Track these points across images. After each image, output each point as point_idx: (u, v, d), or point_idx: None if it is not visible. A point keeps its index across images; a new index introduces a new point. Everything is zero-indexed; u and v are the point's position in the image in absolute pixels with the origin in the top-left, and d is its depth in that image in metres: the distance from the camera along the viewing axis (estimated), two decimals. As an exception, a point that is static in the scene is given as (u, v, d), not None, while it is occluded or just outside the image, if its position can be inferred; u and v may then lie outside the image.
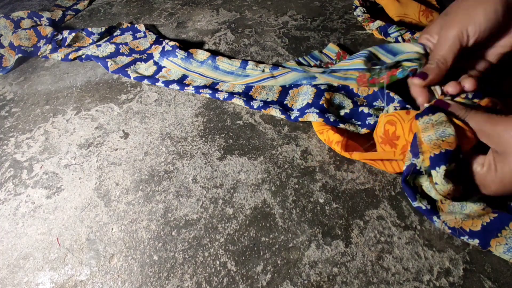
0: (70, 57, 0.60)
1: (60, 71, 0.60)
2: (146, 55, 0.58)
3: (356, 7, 0.62)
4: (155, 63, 0.56)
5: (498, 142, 0.26)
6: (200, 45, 0.60)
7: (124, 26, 0.65)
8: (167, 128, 0.46)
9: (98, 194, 0.40)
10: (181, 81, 0.52)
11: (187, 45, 0.61)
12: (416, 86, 0.34)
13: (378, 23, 0.56)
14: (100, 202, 0.39)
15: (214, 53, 0.56)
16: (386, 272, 0.31)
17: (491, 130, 0.26)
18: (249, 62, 0.52)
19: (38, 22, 0.70)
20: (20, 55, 0.62)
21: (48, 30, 0.65)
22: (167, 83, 0.51)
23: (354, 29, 0.60)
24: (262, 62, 0.54)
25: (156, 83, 0.52)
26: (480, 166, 0.28)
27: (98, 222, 0.37)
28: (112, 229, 0.36)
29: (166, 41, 0.58)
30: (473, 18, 0.29)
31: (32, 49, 0.64)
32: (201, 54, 0.55)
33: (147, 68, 0.55)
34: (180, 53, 0.54)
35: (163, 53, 0.56)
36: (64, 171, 0.43)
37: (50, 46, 0.63)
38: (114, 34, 0.65)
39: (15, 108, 0.54)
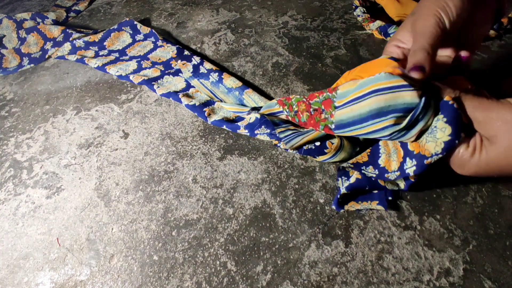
0: (85, 60, 0.59)
1: (60, 71, 0.60)
2: (173, 69, 0.55)
3: (356, 7, 0.62)
4: (185, 80, 0.53)
5: (488, 128, 0.25)
6: (200, 45, 0.60)
7: (147, 31, 0.63)
8: (167, 128, 0.46)
9: (98, 194, 0.40)
10: (202, 108, 0.47)
11: (187, 45, 0.61)
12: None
13: (378, 23, 0.56)
14: (100, 202, 0.39)
15: (242, 81, 0.51)
16: (386, 272, 0.31)
17: (483, 116, 0.26)
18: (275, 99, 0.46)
19: (42, 23, 0.70)
20: (32, 64, 0.62)
21: (55, 33, 0.65)
22: (191, 107, 0.47)
23: (354, 29, 0.60)
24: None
25: (181, 104, 0.49)
26: (464, 148, 0.27)
27: (98, 222, 0.37)
28: (112, 229, 0.36)
29: (196, 58, 0.55)
30: (443, 5, 0.29)
31: (40, 52, 0.64)
32: (232, 81, 0.50)
33: (176, 84, 0.52)
34: (213, 77, 0.52)
35: (196, 74, 0.53)
36: (64, 171, 0.43)
37: (58, 49, 0.63)
38: (137, 38, 0.63)
39: (15, 108, 0.54)
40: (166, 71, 0.55)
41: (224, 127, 0.44)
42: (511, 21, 0.53)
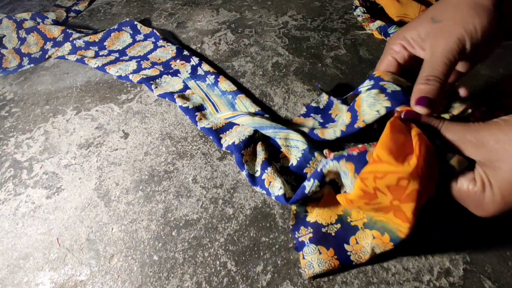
0: (85, 60, 0.59)
1: (60, 71, 0.60)
2: (172, 70, 0.54)
3: (356, 7, 0.62)
4: (183, 81, 0.53)
5: (483, 151, 0.22)
6: (200, 45, 0.60)
7: (147, 32, 0.63)
8: (167, 128, 0.46)
9: (98, 194, 0.40)
10: (194, 112, 0.46)
11: (187, 45, 0.61)
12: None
13: (378, 23, 0.56)
14: (100, 202, 0.39)
15: (238, 86, 0.50)
16: (386, 272, 0.31)
17: (474, 137, 0.23)
18: (265, 115, 0.44)
19: (42, 23, 0.70)
20: (32, 65, 0.62)
21: (55, 33, 0.65)
22: (184, 109, 0.47)
23: (354, 29, 0.60)
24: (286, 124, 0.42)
25: (176, 103, 0.49)
26: (472, 183, 0.23)
27: (98, 222, 0.37)
28: (112, 229, 0.36)
29: (195, 59, 0.55)
30: (471, 29, 0.25)
31: (40, 52, 0.64)
32: (227, 85, 0.50)
33: (173, 85, 0.52)
34: (209, 79, 0.51)
35: (194, 75, 0.53)
36: (64, 171, 0.43)
37: (59, 49, 0.63)
38: (137, 39, 0.63)
39: (15, 108, 0.54)
40: (165, 71, 0.55)
41: (211, 138, 0.43)
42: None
